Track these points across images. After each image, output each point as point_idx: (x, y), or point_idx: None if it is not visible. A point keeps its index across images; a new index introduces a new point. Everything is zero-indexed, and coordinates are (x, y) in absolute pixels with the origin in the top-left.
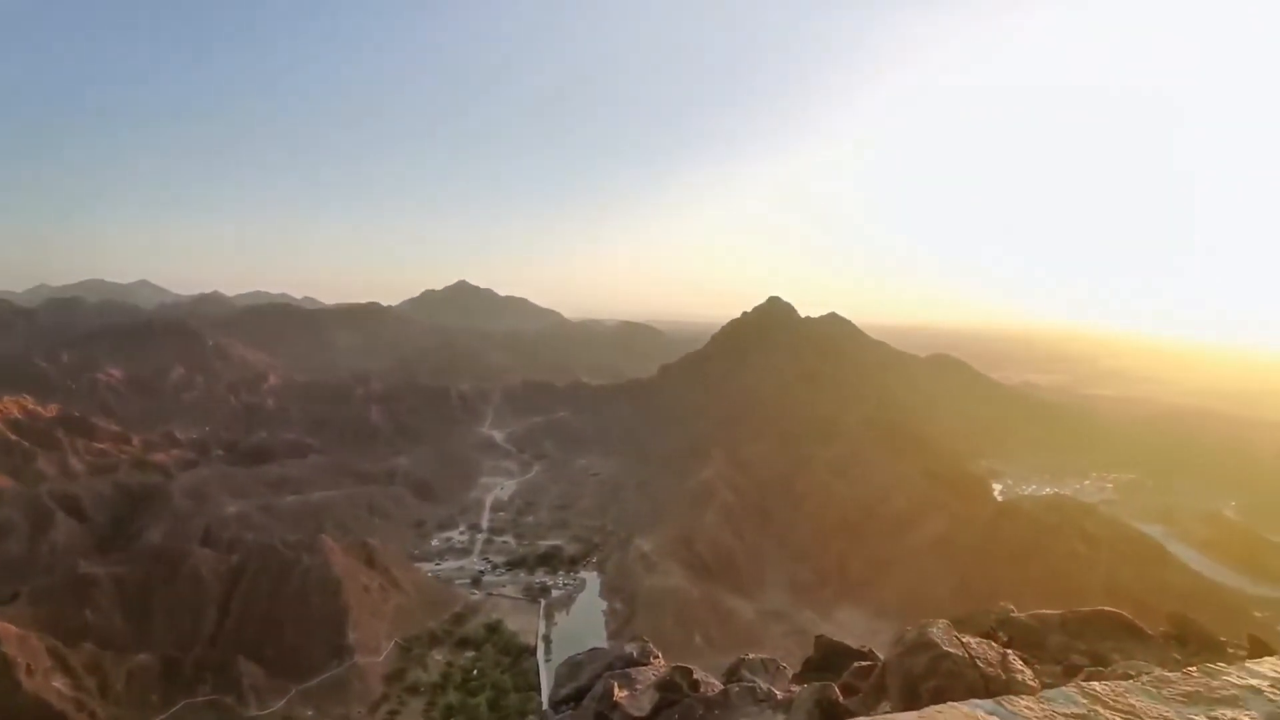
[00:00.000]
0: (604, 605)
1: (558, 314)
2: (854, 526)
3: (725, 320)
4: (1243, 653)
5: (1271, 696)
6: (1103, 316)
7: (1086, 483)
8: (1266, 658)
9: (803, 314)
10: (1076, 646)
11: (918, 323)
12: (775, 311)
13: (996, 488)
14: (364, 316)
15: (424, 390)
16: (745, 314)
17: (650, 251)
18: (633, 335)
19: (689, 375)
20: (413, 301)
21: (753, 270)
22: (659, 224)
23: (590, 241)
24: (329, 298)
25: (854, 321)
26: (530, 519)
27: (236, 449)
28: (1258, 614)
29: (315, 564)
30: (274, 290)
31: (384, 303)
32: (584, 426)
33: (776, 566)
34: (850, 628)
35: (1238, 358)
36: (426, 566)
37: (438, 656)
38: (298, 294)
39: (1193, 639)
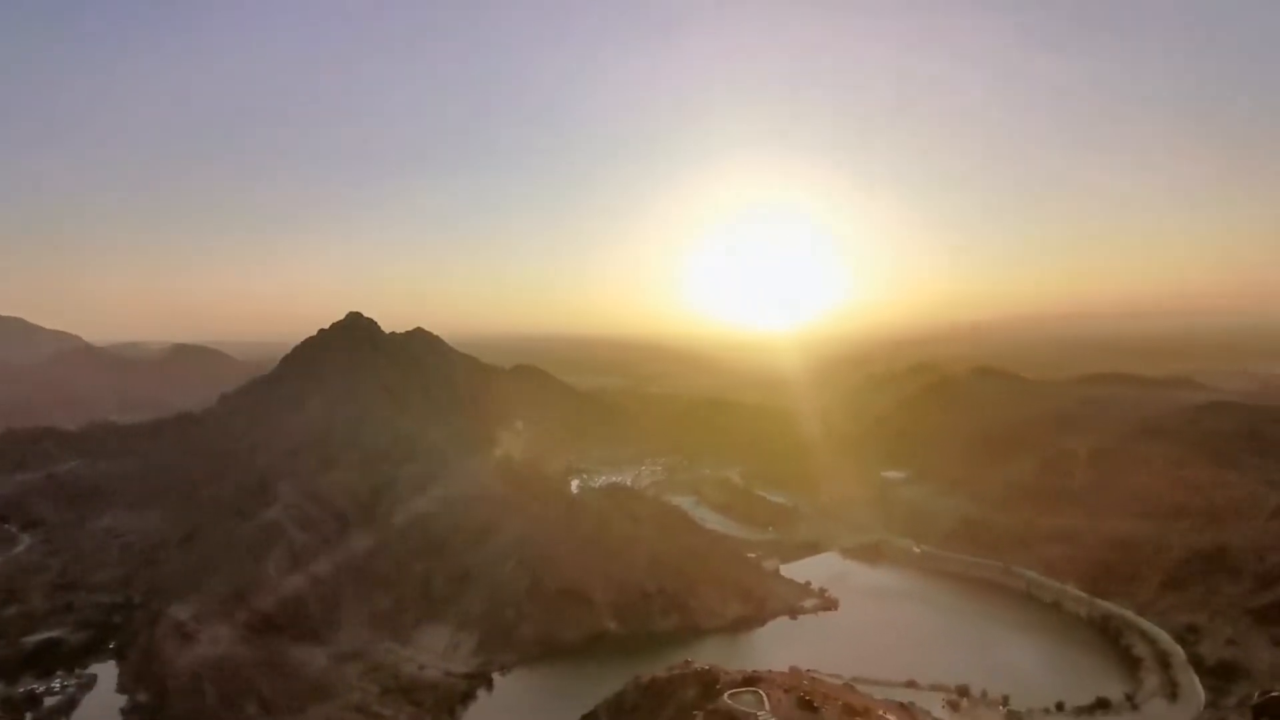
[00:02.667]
0: (123, 702)
1: (75, 337)
2: (437, 544)
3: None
4: None
5: None
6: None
7: (643, 469)
8: None
9: (388, 329)
10: None
11: (510, 331)
12: (356, 328)
13: (574, 484)
14: None
15: None
16: (322, 331)
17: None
18: (187, 360)
19: (255, 403)
20: None
21: (331, 284)
22: None
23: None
24: None
25: (444, 336)
26: (12, 610)
27: None
28: (751, 555)
29: None
30: None
31: None
32: (105, 478)
33: (355, 602)
34: (431, 648)
35: (765, 342)
36: None
37: None
38: None
39: None
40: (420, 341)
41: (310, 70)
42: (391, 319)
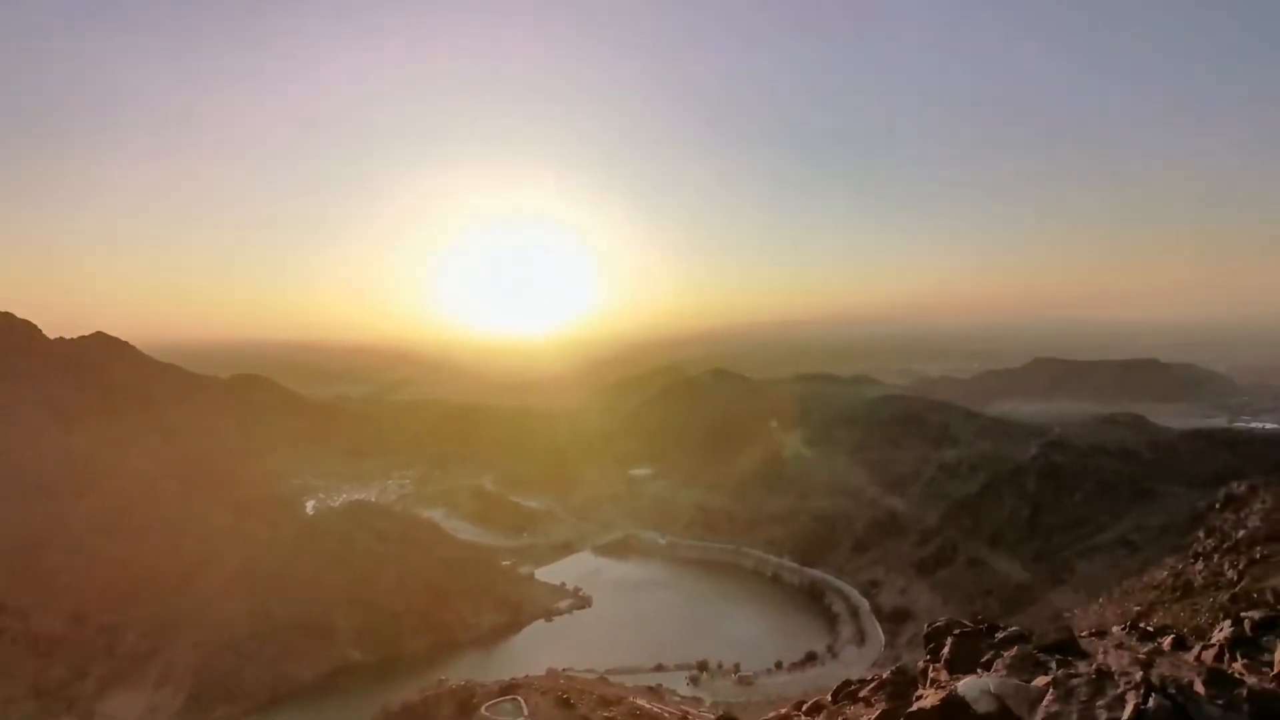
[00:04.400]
0: None
1: None
2: (127, 592)
3: None
4: None
5: None
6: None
7: (389, 483)
8: None
9: (54, 334)
10: None
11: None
12: (9, 332)
13: (309, 504)
14: None
15: None
16: None
17: None
18: None
19: None
20: None
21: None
22: None
23: None
24: None
25: (134, 342)
26: None
27: None
28: (506, 562)
29: None
30: None
31: None
32: None
33: (10, 678)
34: (124, 715)
35: (519, 347)
36: None
37: None
38: None
39: None
40: (100, 348)
41: None
42: (63, 323)
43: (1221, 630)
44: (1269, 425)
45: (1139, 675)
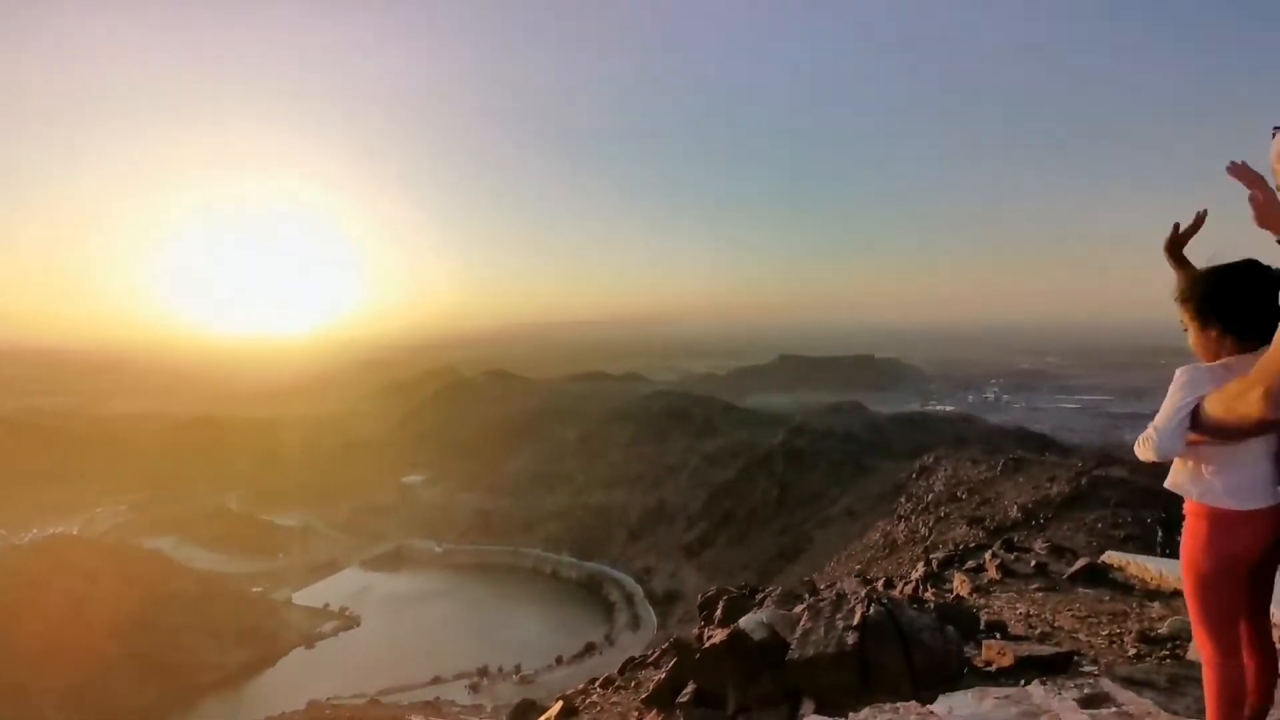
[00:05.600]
0: None
1: None
2: None
3: None
4: None
5: None
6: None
7: (99, 511)
8: None
9: None
10: None
11: None
12: None
13: None
14: None
15: None
16: None
17: None
18: None
19: None
20: None
21: None
22: None
23: None
24: None
25: None
26: None
27: None
28: (256, 589)
29: None
30: None
31: None
32: None
33: None
34: None
35: (270, 349)
36: None
37: None
38: None
39: None
40: None
41: None
42: None
43: (917, 570)
44: (949, 407)
45: (863, 593)
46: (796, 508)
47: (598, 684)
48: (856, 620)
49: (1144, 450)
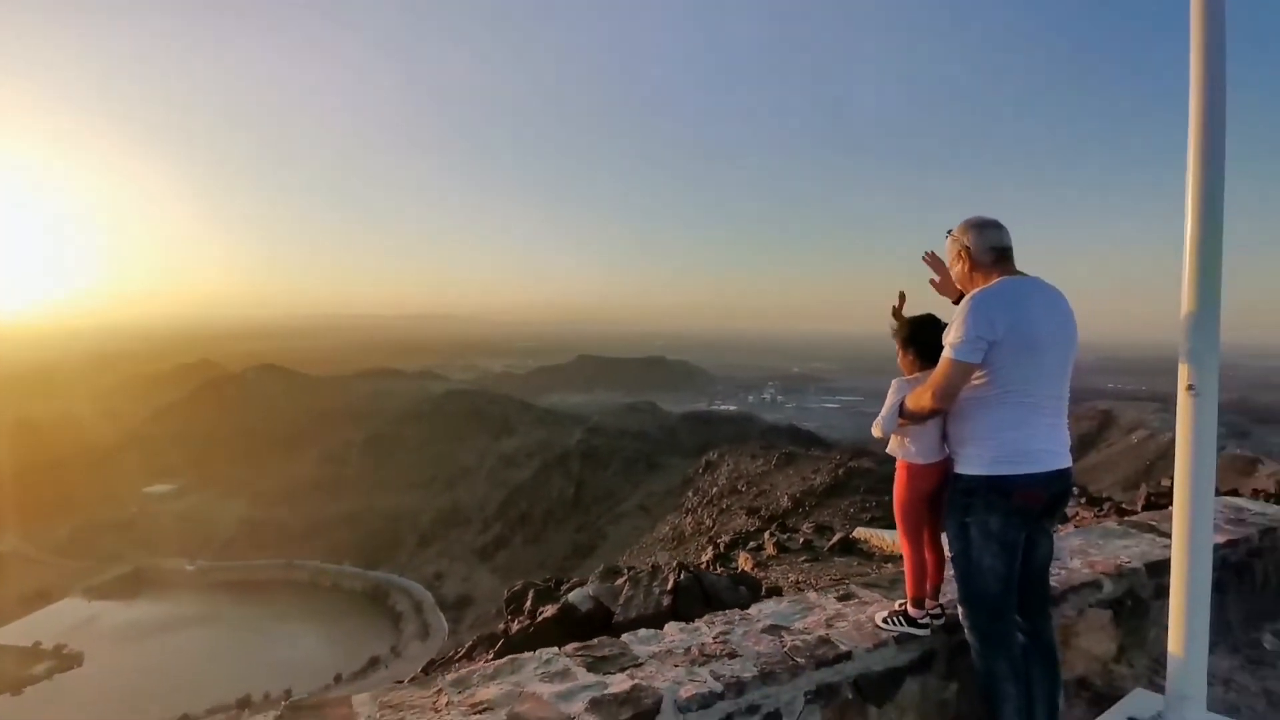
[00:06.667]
0: None
1: None
2: None
3: None
4: None
5: None
6: None
7: None
8: None
9: None
10: None
11: None
12: None
13: None
14: None
15: None
16: None
17: None
18: None
19: None
20: None
21: None
22: None
23: None
24: None
25: None
26: None
27: None
28: None
29: None
30: None
31: None
32: None
33: None
34: None
35: None
36: None
37: None
38: None
39: None
40: None
41: None
42: None
43: (707, 552)
44: (732, 407)
45: (675, 564)
46: (591, 505)
47: (409, 681)
48: (670, 586)
49: (876, 430)
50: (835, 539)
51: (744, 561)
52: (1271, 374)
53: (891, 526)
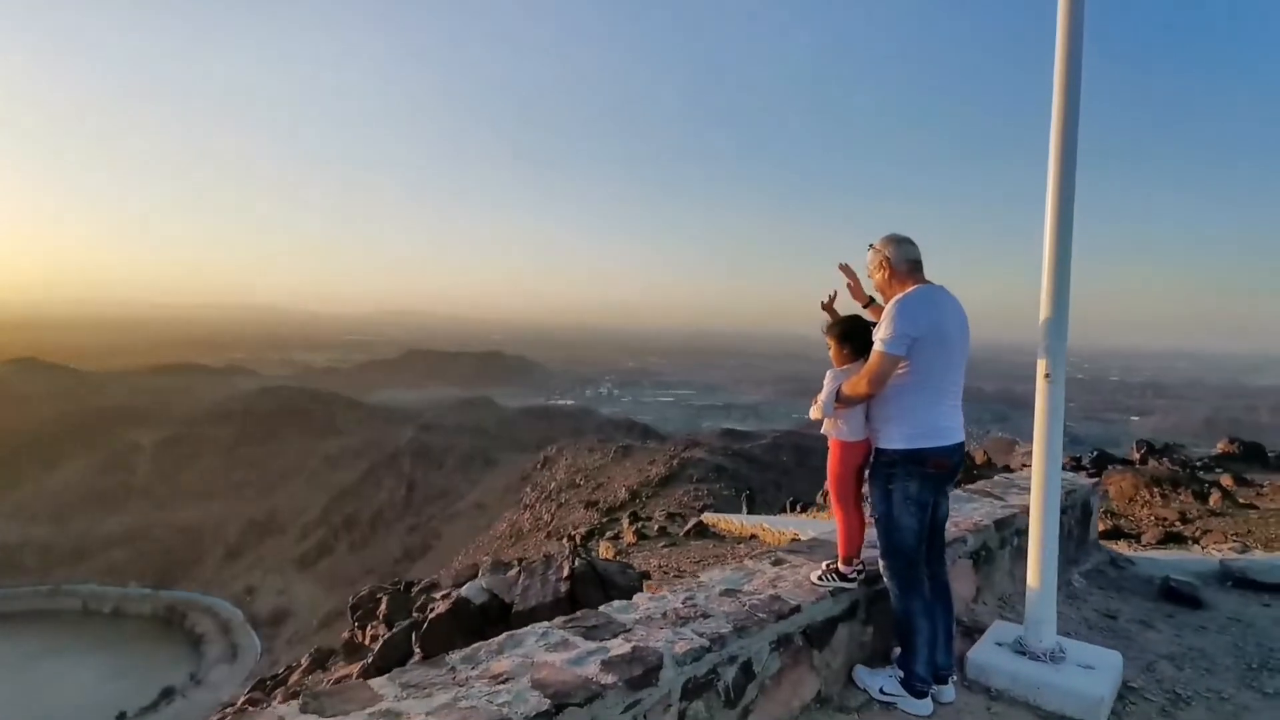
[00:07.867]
0: None
1: None
2: None
3: None
4: None
5: None
6: None
7: None
8: None
9: None
10: None
11: None
12: None
13: None
14: None
15: None
16: None
17: None
18: None
19: None
20: None
21: None
22: None
23: None
24: None
25: None
26: None
27: None
28: None
29: None
30: None
31: None
32: None
33: None
34: None
35: None
36: None
37: None
38: None
39: None
40: None
41: None
42: None
43: (564, 546)
44: (570, 401)
45: (569, 551)
46: (424, 505)
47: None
48: (566, 573)
49: (814, 413)
50: (690, 525)
51: (605, 550)
52: (1029, 367)
53: (735, 511)
